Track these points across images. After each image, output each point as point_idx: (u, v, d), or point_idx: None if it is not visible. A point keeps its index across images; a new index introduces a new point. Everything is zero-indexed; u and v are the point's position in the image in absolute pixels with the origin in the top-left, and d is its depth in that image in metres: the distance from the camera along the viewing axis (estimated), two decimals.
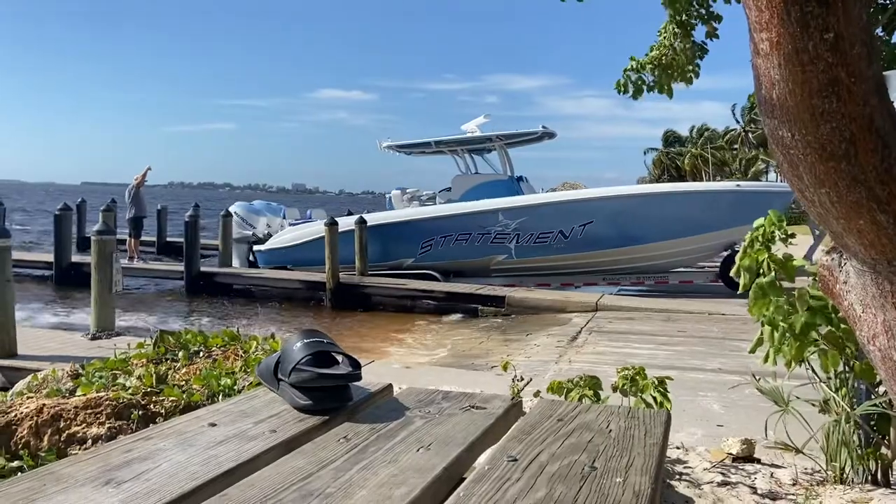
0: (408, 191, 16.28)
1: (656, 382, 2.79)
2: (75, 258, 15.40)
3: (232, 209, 15.89)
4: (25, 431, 2.65)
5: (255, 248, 15.45)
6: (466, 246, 13.93)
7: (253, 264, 15.50)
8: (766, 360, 2.58)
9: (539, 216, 13.72)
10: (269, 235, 15.62)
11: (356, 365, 1.64)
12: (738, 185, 14.70)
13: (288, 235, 15.22)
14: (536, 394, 2.79)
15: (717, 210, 13.11)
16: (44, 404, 2.73)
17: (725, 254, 13.33)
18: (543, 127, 15.21)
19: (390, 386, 1.84)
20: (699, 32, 4.64)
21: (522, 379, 3.21)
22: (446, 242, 13.88)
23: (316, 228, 14.79)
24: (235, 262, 15.49)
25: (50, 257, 15.52)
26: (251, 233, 15.86)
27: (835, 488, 2.46)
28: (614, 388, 2.82)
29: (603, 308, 10.52)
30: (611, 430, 1.52)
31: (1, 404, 2.78)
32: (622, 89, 4.95)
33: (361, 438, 1.42)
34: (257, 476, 1.22)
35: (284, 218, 16.79)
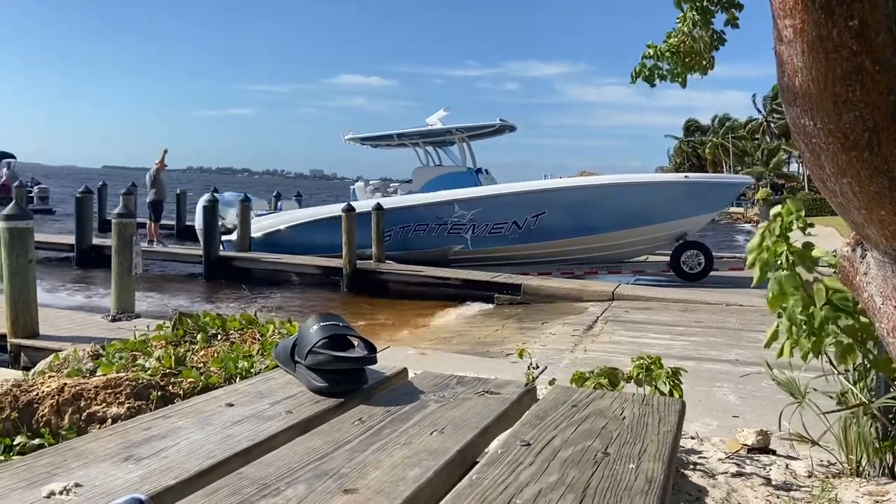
0: (371, 182, 16.68)
1: (670, 373, 2.78)
2: (96, 241, 15.59)
3: (202, 200, 16.22)
4: (47, 410, 2.70)
5: (224, 237, 15.63)
6: (424, 236, 14.22)
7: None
8: (780, 354, 2.56)
9: (493, 207, 13.95)
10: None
11: (372, 348, 1.65)
12: (686, 177, 15.09)
13: (254, 226, 15.55)
14: (552, 382, 2.79)
15: (667, 201, 13.34)
16: (65, 384, 2.78)
17: (677, 244, 13.53)
18: (501, 120, 15.54)
19: (405, 370, 1.85)
20: (718, 21, 4.55)
21: (538, 367, 3.21)
22: (405, 233, 14.12)
23: (282, 219, 15.39)
24: None
25: (71, 239, 15.71)
26: (220, 223, 15.99)
27: (851, 481, 2.45)
28: (628, 378, 2.81)
29: (619, 297, 10.48)
30: (624, 417, 1.52)
31: (23, 383, 2.83)
32: (634, 78, 4.87)
33: (376, 420, 1.44)
34: (273, 455, 1.24)
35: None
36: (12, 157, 31.33)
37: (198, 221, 16.24)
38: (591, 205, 13.40)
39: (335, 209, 14.93)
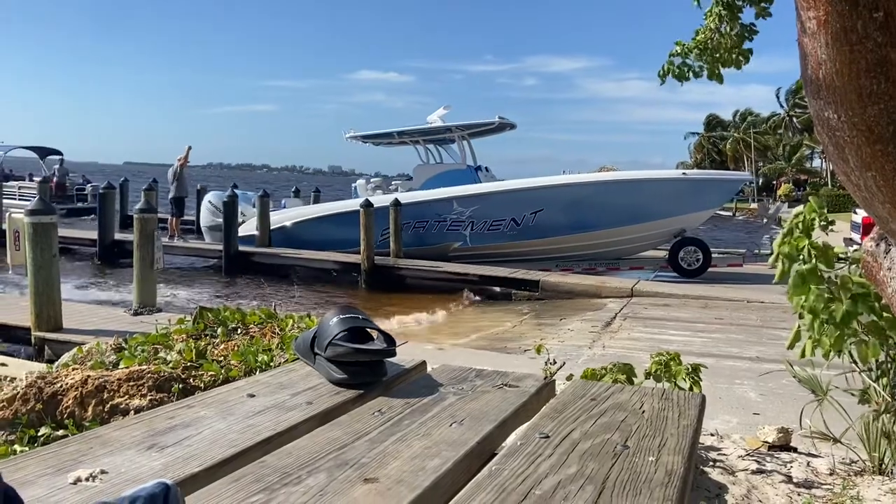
0: (372, 180, 16.83)
1: (690, 369, 2.77)
2: (118, 236, 15.77)
3: (206, 198, 16.35)
4: (70, 401, 2.74)
5: None
6: (424, 233, 14.35)
7: None
8: (802, 354, 2.53)
9: (491, 204, 14.04)
10: (240, 223, 15.94)
11: (391, 341, 1.66)
12: (684, 174, 15.12)
13: (255, 223, 15.67)
14: (569, 377, 2.79)
15: (665, 198, 13.35)
16: (88, 376, 2.82)
17: (676, 240, 13.54)
18: (500, 118, 15.62)
19: (424, 363, 1.86)
20: (747, 14, 4.47)
21: (555, 363, 3.21)
22: (404, 230, 14.18)
23: (286, 215, 15.60)
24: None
25: (94, 234, 15.90)
26: (221, 220, 16.04)
27: (873, 479, 2.43)
28: (647, 375, 2.80)
29: (638, 294, 10.43)
30: (644, 411, 1.52)
31: (47, 375, 2.88)
32: (664, 77, 4.80)
33: (396, 412, 1.45)
34: (294, 445, 1.26)
35: (255, 206, 17.17)
36: (59, 153, 30.22)
37: (202, 219, 16.40)
38: (589, 202, 13.47)
39: (339, 206, 15.06)
